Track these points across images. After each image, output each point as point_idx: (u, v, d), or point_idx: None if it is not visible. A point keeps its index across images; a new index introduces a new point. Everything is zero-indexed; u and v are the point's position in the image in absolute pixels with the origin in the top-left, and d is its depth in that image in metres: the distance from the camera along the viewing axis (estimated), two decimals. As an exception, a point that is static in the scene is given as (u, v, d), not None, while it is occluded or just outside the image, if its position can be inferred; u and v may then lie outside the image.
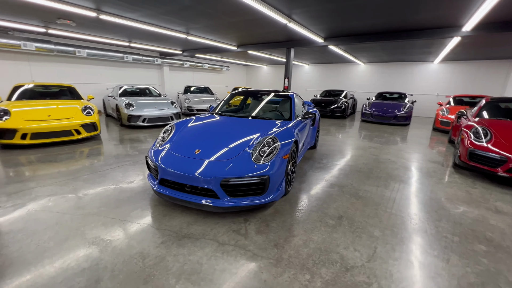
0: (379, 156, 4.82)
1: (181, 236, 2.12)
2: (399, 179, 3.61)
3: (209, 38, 7.91)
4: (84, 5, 4.90)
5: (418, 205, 2.81)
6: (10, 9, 5.37)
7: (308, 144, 4.61)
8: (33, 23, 6.56)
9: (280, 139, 2.65)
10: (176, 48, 10.63)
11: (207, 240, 2.09)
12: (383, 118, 9.33)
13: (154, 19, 5.72)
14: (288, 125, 3.20)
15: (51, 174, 3.45)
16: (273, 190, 2.48)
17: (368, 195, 3.03)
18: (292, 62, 8.57)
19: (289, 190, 2.98)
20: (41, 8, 5.14)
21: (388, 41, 6.90)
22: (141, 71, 11.71)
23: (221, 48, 9.60)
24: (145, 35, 7.73)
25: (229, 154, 2.47)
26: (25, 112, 4.69)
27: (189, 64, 13.02)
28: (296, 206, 2.70)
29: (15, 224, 2.24)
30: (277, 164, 2.46)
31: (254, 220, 2.41)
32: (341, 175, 3.72)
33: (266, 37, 7.77)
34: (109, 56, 9.50)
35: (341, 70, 14.90)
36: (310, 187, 3.23)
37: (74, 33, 7.65)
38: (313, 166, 4.11)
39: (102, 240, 2.04)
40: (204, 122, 3.26)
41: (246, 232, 2.21)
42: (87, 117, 5.27)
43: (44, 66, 8.51)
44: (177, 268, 1.76)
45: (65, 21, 6.07)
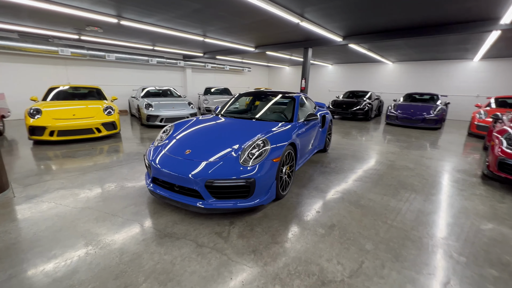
0: (395, 162, 4.45)
1: (163, 235, 2.15)
2: (411, 188, 3.29)
3: (226, 40, 8.03)
4: (107, 13, 5.27)
5: (426, 218, 2.52)
6: (48, 19, 5.97)
7: (317, 147, 4.43)
8: (68, 31, 7.23)
9: (271, 141, 2.57)
10: (197, 50, 10.97)
11: (187, 240, 2.09)
12: (410, 121, 8.64)
13: (170, 23, 5.95)
14: (286, 127, 3.09)
15: (67, 169, 3.74)
16: (261, 194, 2.41)
17: (370, 204, 2.80)
18: (311, 62, 8.34)
19: (284, 194, 2.87)
20: (71, 17, 5.63)
21: (414, 38, 6.37)
22: (165, 73, 12.28)
23: (239, 50, 9.70)
24: (165, 38, 8.09)
25: (218, 156, 2.45)
26: (53, 112, 5.17)
27: (210, 66, 13.35)
28: (288, 211, 2.59)
29: (22, 213, 2.46)
30: (265, 167, 2.38)
31: (240, 223, 2.36)
32: (347, 180, 3.50)
33: (283, 37, 7.66)
34: (135, 60, 10.12)
35: (367, 70, 14.16)
36: (309, 192, 3.08)
37: (103, 38, 8.28)
38: (319, 170, 3.93)
39: (90, 234, 2.15)
40: (204, 123, 3.29)
41: (228, 235, 2.17)
42: (108, 117, 5.65)
43: (79, 70, 9.34)
44: (150, 267, 1.78)
45: (93, 28, 6.59)
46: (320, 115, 4.45)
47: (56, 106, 5.37)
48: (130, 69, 10.80)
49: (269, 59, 14.07)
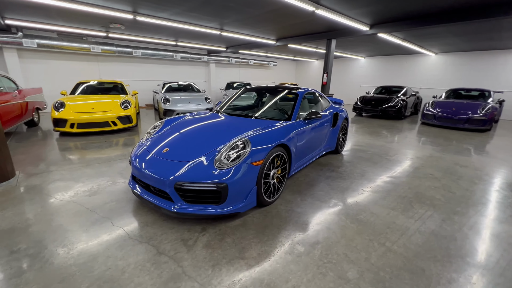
0: (419, 170, 3.83)
1: (128, 237, 2.05)
2: (430, 203, 2.75)
3: (244, 33, 7.79)
4: (123, 9, 5.41)
5: (439, 244, 2.04)
6: (75, 18, 6.38)
7: (325, 147, 4.02)
8: (96, 29, 7.68)
9: (253, 142, 2.30)
10: (220, 45, 10.93)
11: (150, 245, 1.96)
12: (451, 121, 7.52)
13: (183, 17, 5.91)
14: (279, 126, 2.78)
15: (73, 160, 3.92)
16: (236, 200, 2.17)
17: (370, 220, 2.38)
18: (340, 55, 7.69)
19: (271, 201, 2.59)
20: (93, 15, 5.92)
21: (458, 23, 5.42)
22: (190, 68, 12.52)
23: (260, 43, 9.40)
24: (185, 33, 8.15)
25: (194, 156, 2.27)
26: (75, 105, 5.52)
27: (234, 61, 13.27)
28: (270, 221, 2.32)
29: (17, 200, 2.58)
30: (242, 172, 2.13)
31: (212, 230, 2.16)
32: (351, 188, 3.07)
33: (303, 29, 7.17)
34: (160, 55, 10.46)
35: (404, 63, 12.76)
36: (303, 200, 2.75)
37: (128, 35, 8.66)
38: (324, 174, 3.54)
39: (60, 229, 2.14)
40: (195, 120, 3.13)
41: (194, 243, 1.99)
42: (124, 111, 5.87)
43: (109, 65, 9.96)
44: (99, 272, 1.68)
45: (116, 25, 6.88)
46: (330, 113, 4.01)
47: (78, 100, 5.73)
48: (156, 64, 11.21)
49: (295, 53, 13.50)
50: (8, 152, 3.03)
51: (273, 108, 3.55)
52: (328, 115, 3.93)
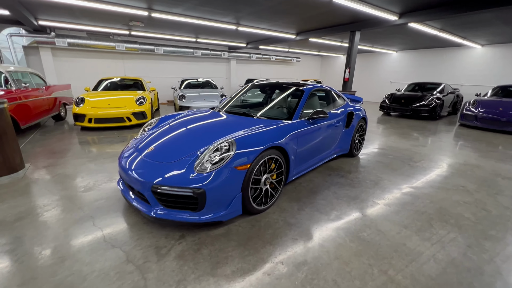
0: (448, 179, 3.29)
1: (103, 240, 1.96)
2: (454, 223, 2.29)
3: (261, 27, 7.51)
4: (138, 6, 5.46)
5: (458, 278, 1.64)
6: (97, 17, 6.64)
7: (337, 150, 3.64)
8: (118, 27, 7.96)
9: (239, 144, 2.06)
10: (239, 41, 10.77)
11: (121, 251, 1.84)
12: (497, 123, 6.52)
13: (196, 11, 5.82)
14: (275, 126, 2.50)
15: (82, 154, 4.04)
16: (217, 208, 1.97)
17: (375, 239, 2.02)
18: (358, 48, 7.08)
19: (263, 209, 2.35)
20: (111, 13, 6.10)
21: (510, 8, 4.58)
22: (210, 65, 12.57)
23: (279, 38, 9.05)
24: (202, 29, 8.11)
25: (175, 157, 2.11)
26: (93, 101, 5.75)
27: (255, 57, 13.05)
28: (257, 233, 2.08)
29: (18, 193, 2.66)
30: (223, 177, 1.92)
31: (191, 239, 1.98)
32: (360, 199, 2.70)
33: (324, 21, 6.68)
34: (181, 52, 10.62)
35: (443, 56, 11.45)
36: (300, 210, 2.46)
37: (149, 33, 8.87)
38: (332, 180, 3.18)
39: (44, 226, 2.13)
40: (189, 119, 2.95)
41: (167, 252, 1.83)
42: (138, 107, 5.98)
43: (133, 63, 10.35)
44: (61, 277, 1.59)
45: (136, 22, 7.04)
46: (343, 112, 3.61)
47: (97, 96, 5.96)
48: (177, 61, 11.42)
49: (319, 47, 12.86)
50: (17, 145, 3.17)
51: (277, 106, 3.27)
52: (340, 114, 3.54)
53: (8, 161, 3.02)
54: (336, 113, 3.48)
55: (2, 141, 2.95)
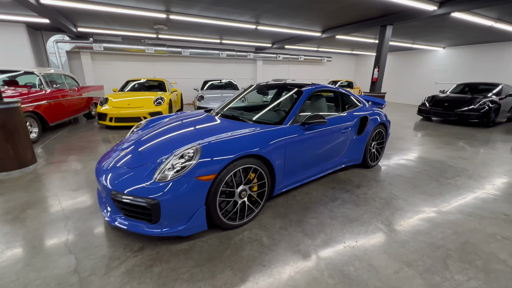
0: (485, 204, 2.62)
1: (64, 244, 1.90)
2: (481, 266, 1.74)
3: (282, 25, 7.18)
4: (157, 9, 5.61)
5: None
6: (125, 22, 7.04)
7: (346, 160, 3.20)
8: (145, 31, 8.37)
9: (206, 152, 1.83)
10: (265, 41, 10.56)
11: (74, 259, 1.75)
12: None
13: (211, 11, 5.76)
14: (250, 133, 2.19)
15: (92, 151, 4.22)
16: (176, 221, 1.77)
17: (362, 278, 1.62)
18: (389, 45, 6.30)
19: (238, 225, 2.09)
20: (135, 17, 6.38)
21: None
22: (236, 66, 12.58)
23: (304, 36, 8.61)
24: (221, 30, 8.09)
25: (141, 163, 1.97)
26: (115, 101, 6.07)
27: (282, 57, 12.70)
28: (222, 252, 1.83)
29: (19, 187, 2.82)
30: (182, 187, 1.71)
31: (149, 252, 1.82)
32: (360, 221, 2.26)
33: (351, 15, 6.10)
34: (206, 54, 10.81)
35: (504, 52, 9.71)
36: (283, 230, 2.13)
37: (177, 35, 9.16)
38: (333, 194, 2.77)
39: (22, 223, 2.17)
40: (176, 122, 2.75)
41: (117, 266, 1.69)
42: (156, 107, 6.15)
43: (162, 65, 10.84)
44: (5, 282, 1.54)
45: (159, 25, 7.30)
46: (355, 117, 3.15)
47: (119, 97, 6.29)
48: (203, 63, 11.66)
49: (352, 46, 11.98)
50: (29, 141, 3.40)
51: (273, 109, 2.96)
52: (349, 118, 3.08)
53: (19, 156, 3.25)
54: (343, 117, 3.04)
55: (14, 137, 3.18)
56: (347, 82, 12.43)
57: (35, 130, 4.71)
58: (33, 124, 4.66)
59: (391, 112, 10.04)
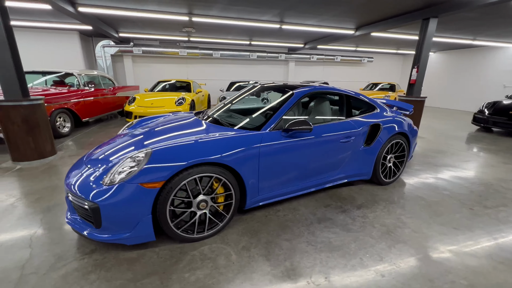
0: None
1: (29, 239, 1.97)
2: None
3: (308, 24, 6.74)
4: (179, 12, 5.78)
5: None
6: (157, 26, 7.47)
7: (349, 174, 2.76)
8: (176, 34, 8.76)
9: (156, 156, 1.69)
10: (295, 41, 10.15)
11: (29, 254, 1.78)
12: None
13: (231, 12, 5.67)
14: (210, 138, 1.96)
15: (108, 147, 4.50)
16: (118, 229, 1.66)
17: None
18: (432, 41, 5.37)
19: (200, 238, 1.91)
20: (163, 21, 6.70)
21: None
22: (267, 67, 12.39)
23: (336, 35, 7.99)
24: (249, 31, 7.98)
25: (101, 163, 1.92)
26: (141, 101, 6.44)
27: (316, 58, 12.07)
28: (166, 269, 1.66)
29: (28, 176, 3.11)
30: (124, 193, 1.60)
31: (96, 257, 1.75)
32: (341, 252, 1.86)
33: (387, 8, 5.39)
34: (237, 55, 10.87)
35: None
36: (247, 248, 1.87)
37: (206, 38, 9.41)
38: (323, 214, 2.38)
39: (6, 213, 2.34)
40: (159, 124, 2.63)
41: (60, 267, 1.65)
42: (176, 107, 6.34)
43: (194, 67, 11.28)
44: (-39, 269, 1.63)
45: (188, 28, 7.55)
46: (362, 124, 2.68)
47: (146, 97, 6.66)
48: (233, 64, 11.77)
49: (397, 44, 10.76)
50: (50, 135, 3.76)
51: (262, 113, 2.67)
52: (354, 126, 2.63)
53: (39, 148, 3.61)
54: (345, 124, 2.60)
55: (35, 131, 3.54)
56: (389, 84, 11.21)
57: (68, 125, 5.26)
58: (66, 119, 5.21)
59: (439, 119, 8.67)
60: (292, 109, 3.12)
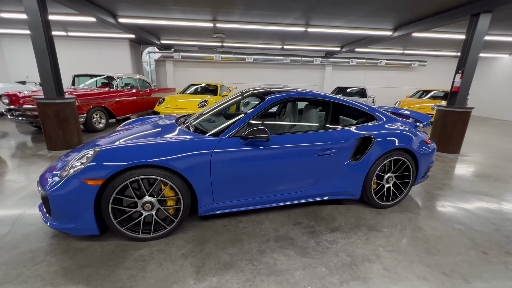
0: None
1: (17, 216, 2.28)
2: None
3: (336, 26, 6.30)
4: (203, 19, 6.07)
5: None
6: (192, 34, 7.97)
7: (330, 191, 2.47)
8: (210, 40, 9.20)
9: (103, 155, 1.78)
10: (331, 44, 9.63)
11: (6, 231, 2.07)
12: None
13: (250, 17, 5.68)
14: (166, 140, 1.97)
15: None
16: (65, 219, 1.79)
17: None
18: (482, 40, 4.40)
19: (146, 238, 1.95)
20: (193, 28, 7.11)
21: None
22: (302, 72, 12.04)
23: (374, 37, 7.30)
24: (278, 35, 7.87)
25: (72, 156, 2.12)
26: (169, 102, 6.95)
27: (356, 62, 11.24)
28: (98, 263, 1.73)
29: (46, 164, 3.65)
30: (69, 187, 1.73)
31: (53, 241, 1.93)
32: (282, 278, 1.65)
33: (425, 5, 4.70)
34: (270, 60, 10.86)
35: None
36: (185, 256, 1.83)
37: (237, 43, 9.65)
38: (286, 232, 2.17)
39: (16, 189, 2.76)
40: (141, 125, 2.74)
41: (19, 246, 1.88)
42: (199, 109, 6.65)
43: (228, 71, 11.67)
44: (-44, 235, 1.99)
45: (218, 34, 7.87)
46: (348, 137, 2.37)
47: (175, 98, 7.17)
48: (266, 69, 11.77)
49: (455, 46, 9.27)
50: (78, 128, 4.34)
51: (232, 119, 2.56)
52: (336, 137, 2.33)
53: (67, 139, 4.20)
54: (323, 134, 2.32)
55: (64, 125, 4.13)
56: (443, 92, 9.71)
57: (103, 121, 6.00)
58: (102, 116, 5.96)
59: (503, 135, 7.10)
60: (291, 114, 2.95)
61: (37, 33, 3.75)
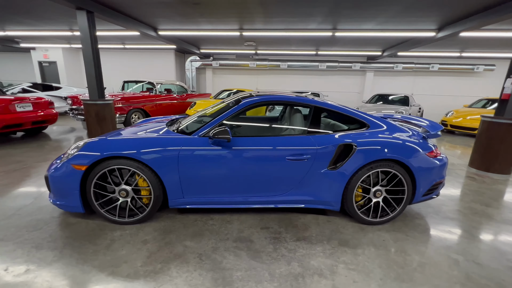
0: None
1: (41, 193, 2.82)
2: None
3: (365, 29, 5.89)
4: (231, 28, 6.42)
5: None
6: (224, 43, 8.48)
7: (300, 198, 2.38)
8: (243, 48, 9.58)
9: (86, 146, 2.11)
10: (371, 49, 9.00)
11: (28, 203, 2.58)
12: None
13: (273, 24, 5.75)
14: (135, 135, 2.20)
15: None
16: (59, 196, 2.17)
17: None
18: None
19: (124, 222, 2.21)
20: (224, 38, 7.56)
21: None
22: (339, 78, 11.50)
23: (415, 38, 6.58)
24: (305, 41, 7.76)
25: (79, 146, 2.54)
26: (199, 106, 7.47)
27: (401, 67, 10.22)
28: (78, 237, 2.03)
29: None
30: (62, 170, 2.10)
31: (54, 215, 2.34)
32: (218, 277, 1.68)
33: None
34: (305, 66, 10.71)
35: None
36: (145, 242, 2.01)
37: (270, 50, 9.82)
38: (250, 235, 2.17)
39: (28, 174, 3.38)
40: (144, 123, 3.07)
41: (28, 217, 2.33)
42: (223, 113, 7.01)
43: (263, 78, 11.90)
44: (-3, 202, 2.58)
45: (249, 42, 8.17)
46: (325, 142, 2.25)
47: (204, 103, 7.68)
48: (302, 75, 11.61)
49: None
50: (114, 125, 5.06)
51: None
52: (312, 143, 2.23)
53: (104, 135, 4.94)
54: (298, 139, 2.25)
55: (102, 123, 4.88)
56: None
57: (140, 121, 6.82)
58: (140, 117, 6.78)
59: None
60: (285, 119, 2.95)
61: (86, 46, 4.57)
